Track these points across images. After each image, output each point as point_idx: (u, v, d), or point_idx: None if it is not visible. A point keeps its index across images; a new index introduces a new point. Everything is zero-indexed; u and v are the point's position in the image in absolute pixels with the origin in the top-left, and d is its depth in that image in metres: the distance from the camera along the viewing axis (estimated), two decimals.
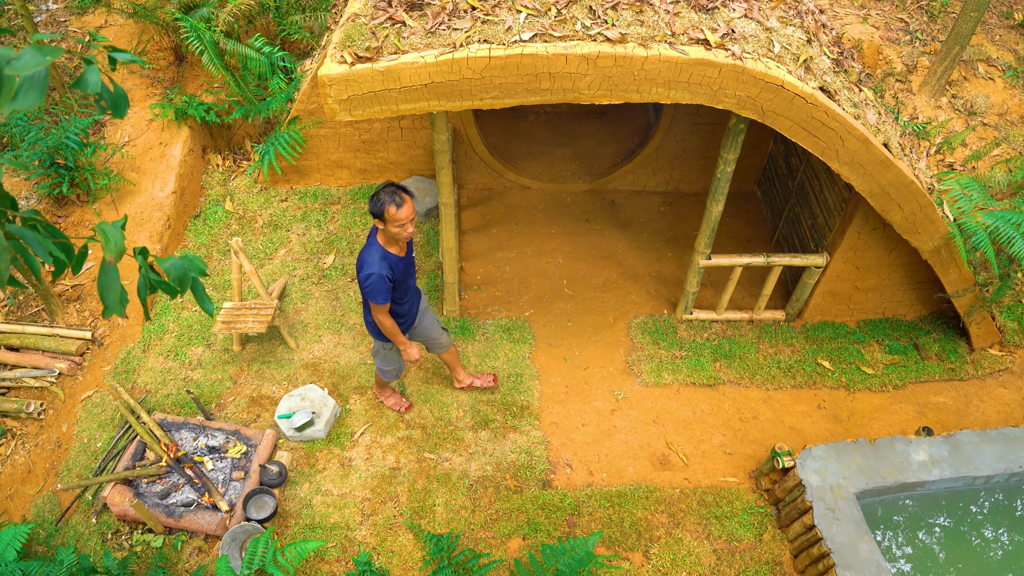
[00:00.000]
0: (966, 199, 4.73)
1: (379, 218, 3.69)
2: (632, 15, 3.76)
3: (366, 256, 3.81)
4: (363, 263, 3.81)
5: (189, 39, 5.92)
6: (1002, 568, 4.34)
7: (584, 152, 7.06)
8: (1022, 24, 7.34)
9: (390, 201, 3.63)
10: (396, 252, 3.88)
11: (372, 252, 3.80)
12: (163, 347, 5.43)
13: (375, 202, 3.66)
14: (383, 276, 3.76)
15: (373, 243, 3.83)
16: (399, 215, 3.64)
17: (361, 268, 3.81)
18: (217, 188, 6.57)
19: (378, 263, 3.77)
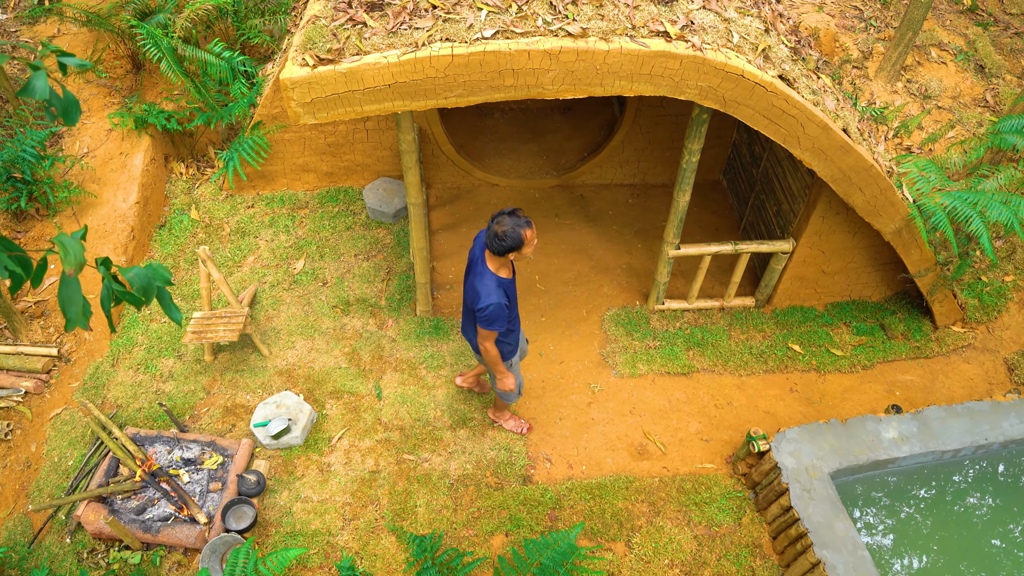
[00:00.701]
0: (924, 181, 4.85)
1: (516, 248, 3.58)
2: (592, 9, 3.79)
3: (481, 286, 3.71)
4: (479, 294, 3.70)
5: (146, 46, 5.81)
6: (976, 538, 4.47)
7: (551, 148, 7.08)
8: (971, 9, 7.53)
9: (524, 225, 3.55)
10: (506, 275, 3.80)
11: (487, 281, 3.71)
12: (132, 360, 5.33)
13: (508, 238, 3.52)
14: (502, 304, 3.69)
15: (486, 271, 3.73)
16: (534, 236, 3.61)
17: (478, 299, 3.70)
18: (181, 197, 6.47)
19: (495, 292, 3.69)
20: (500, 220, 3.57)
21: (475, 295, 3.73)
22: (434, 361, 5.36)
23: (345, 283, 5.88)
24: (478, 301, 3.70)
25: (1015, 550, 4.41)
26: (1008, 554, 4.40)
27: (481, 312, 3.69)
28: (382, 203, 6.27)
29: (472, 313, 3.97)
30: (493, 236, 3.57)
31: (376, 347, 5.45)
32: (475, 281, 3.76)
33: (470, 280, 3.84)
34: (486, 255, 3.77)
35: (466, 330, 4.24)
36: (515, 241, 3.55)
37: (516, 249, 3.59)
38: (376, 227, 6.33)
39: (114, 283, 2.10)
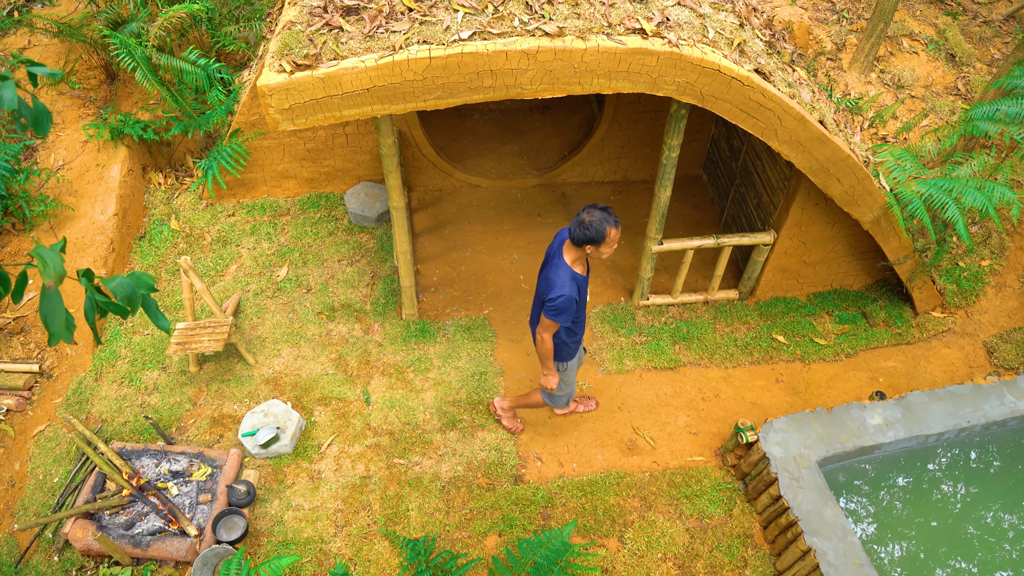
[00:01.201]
0: (900, 169, 4.91)
1: (595, 242, 3.59)
2: (568, 8, 3.80)
3: (555, 277, 3.72)
4: (552, 284, 3.71)
5: (120, 56, 5.75)
6: (960, 519, 4.54)
7: (531, 147, 7.10)
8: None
9: (612, 223, 3.55)
10: (580, 271, 3.80)
11: (562, 273, 3.72)
12: (116, 374, 5.27)
13: (590, 228, 3.53)
14: (573, 298, 3.71)
15: (562, 263, 3.74)
16: (617, 234, 3.61)
17: (551, 288, 3.71)
18: (161, 207, 6.41)
19: (568, 284, 3.70)
20: (590, 211, 3.58)
21: (548, 285, 3.75)
22: (421, 364, 5.35)
23: (329, 289, 5.86)
24: (550, 291, 3.71)
25: (1002, 527, 4.48)
26: (996, 532, 4.47)
27: (551, 302, 3.70)
28: (364, 208, 6.25)
29: (542, 304, 3.97)
30: (579, 223, 3.58)
31: (363, 352, 5.43)
32: (550, 272, 3.78)
33: (545, 271, 3.85)
34: (564, 247, 3.79)
35: (532, 323, 4.24)
36: (597, 234, 3.55)
37: (595, 243, 3.59)
38: (359, 232, 6.31)
39: (97, 294, 2.08)
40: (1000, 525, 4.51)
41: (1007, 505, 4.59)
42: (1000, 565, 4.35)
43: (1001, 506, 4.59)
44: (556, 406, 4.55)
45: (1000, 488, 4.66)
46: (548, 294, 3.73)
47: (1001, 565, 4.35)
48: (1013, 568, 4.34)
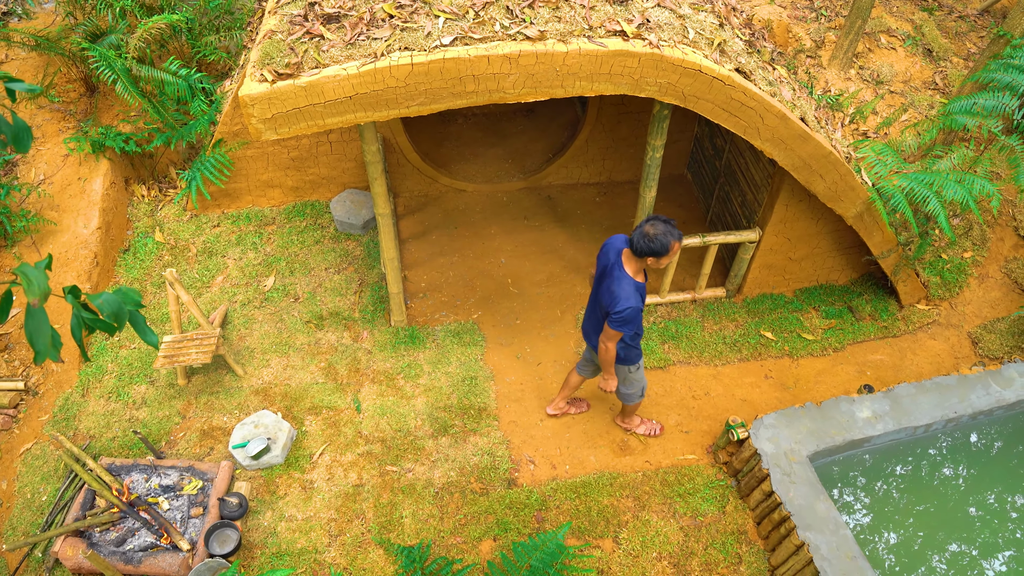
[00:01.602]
0: (881, 164, 4.96)
1: (657, 255, 3.62)
2: (549, 12, 3.81)
3: (619, 290, 3.74)
4: (618, 297, 3.73)
5: (99, 68, 5.71)
6: (951, 509, 4.58)
7: (516, 150, 7.11)
8: None
9: (676, 237, 3.59)
10: (640, 280, 3.84)
11: (625, 285, 3.75)
12: (103, 389, 5.23)
13: (655, 240, 3.56)
14: (638, 309, 3.76)
15: (624, 275, 3.77)
16: (679, 247, 3.66)
17: (617, 302, 3.73)
18: (145, 220, 6.37)
19: (633, 296, 3.74)
20: (654, 223, 3.61)
21: (612, 298, 3.77)
22: (411, 371, 5.34)
23: (317, 297, 5.84)
24: (615, 304, 3.74)
25: (990, 517, 4.53)
26: (984, 521, 4.51)
27: (618, 315, 3.74)
28: (350, 215, 6.24)
29: (600, 314, 4.04)
30: (642, 235, 3.60)
31: (352, 360, 5.42)
32: (612, 285, 3.79)
33: (606, 284, 3.86)
34: (623, 258, 3.82)
35: (588, 333, 4.28)
36: (661, 247, 3.59)
37: (658, 255, 3.63)
38: (345, 239, 6.30)
39: (84, 311, 2.06)
40: (990, 513, 4.55)
41: (997, 493, 4.64)
42: (992, 550, 4.39)
43: (991, 494, 4.63)
44: (631, 403, 4.63)
45: (989, 476, 4.71)
46: (614, 307, 3.75)
47: (993, 550, 4.39)
48: (1003, 553, 4.39)
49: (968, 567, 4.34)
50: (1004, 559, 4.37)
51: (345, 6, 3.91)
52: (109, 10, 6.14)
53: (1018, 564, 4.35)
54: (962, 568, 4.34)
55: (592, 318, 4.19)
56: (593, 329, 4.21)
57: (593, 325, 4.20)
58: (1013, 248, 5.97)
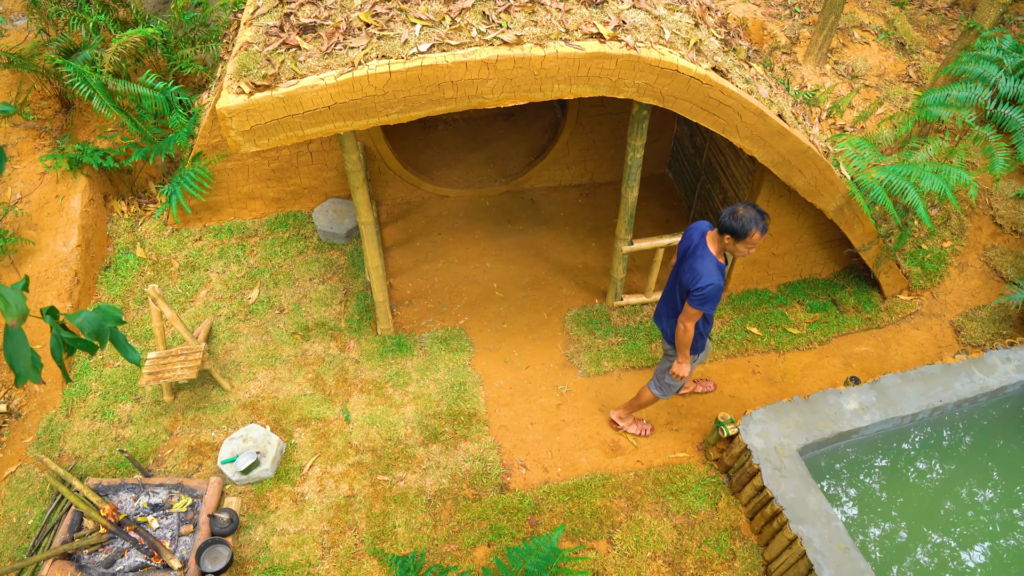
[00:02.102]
0: (859, 158, 5.01)
1: (735, 235, 3.68)
2: (525, 16, 3.82)
3: (702, 267, 3.80)
4: (700, 273, 3.79)
5: (75, 84, 5.65)
6: (938, 495, 4.62)
7: (497, 155, 7.11)
8: None
9: (759, 227, 3.64)
10: (722, 261, 3.91)
11: (708, 263, 3.81)
12: (88, 408, 5.16)
13: (737, 220, 3.63)
14: (720, 287, 3.81)
15: (707, 253, 3.84)
16: (759, 239, 3.70)
17: (699, 278, 3.79)
18: (125, 236, 6.30)
19: (716, 274, 3.80)
20: (747, 207, 3.68)
21: (694, 275, 3.82)
22: (400, 379, 5.32)
23: (302, 308, 5.80)
24: (697, 280, 3.79)
25: (980, 502, 4.58)
26: (975, 507, 4.56)
27: (699, 291, 3.78)
28: (333, 224, 6.21)
29: (676, 296, 4.10)
30: (731, 212, 3.68)
31: (340, 370, 5.39)
32: (695, 262, 3.85)
33: (688, 262, 3.91)
34: (709, 237, 3.89)
35: (660, 316, 4.31)
36: (741, 229, 3.64)
37: (735, 235, 3.68)
38: (329, 249, 6.27)
39: (63, 331, 2.03)
40: (976, 499, 4.60)
41: (982, 480, 4.69)
42: (979, 537, 4.44)
43: (977, 480, 4.69)
44: (665, 396, 4.61)
45: (975, 462, 4.77)
46: (695, 283, 3.80)
47: (980, 537, 4.44)
48: (991, 539, 4.43)
49: (957, 552, 4.38)
50: (988, 546, 4.42)
51: (321, 16, 3.90)
52: (82, 25, 6.09)
53: (1005, 550, 4.39)
54: (954, 554, 4.38)
55: (668, 301, 4.24)
56: (667, 312, 4.25)
57: (668, 308, 4.24)
58: (991, 236, 6.05)
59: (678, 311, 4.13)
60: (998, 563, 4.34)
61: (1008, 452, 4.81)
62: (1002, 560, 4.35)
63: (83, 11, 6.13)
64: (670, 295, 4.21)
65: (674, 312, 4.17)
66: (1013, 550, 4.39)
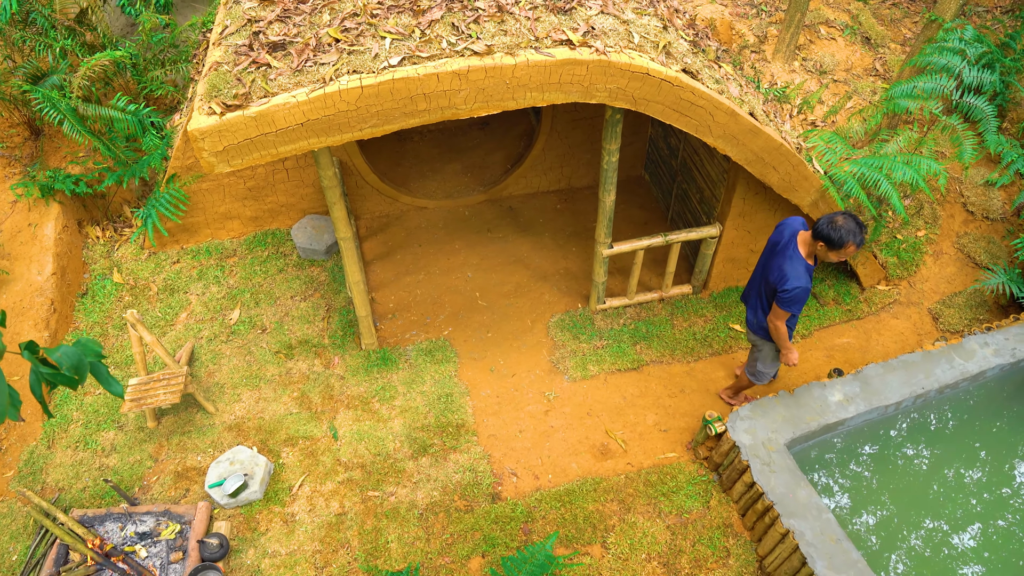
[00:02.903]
0: (831, 152, 5.08)
1: (830, 244, 3.76)
2: (495, 26, 3.84)
3: (791, 269, 3.90)
4: (788, 275, 3.90)
5: (44, 110, 5.59)
6: (927, 479, 4.67)
7: (474, 164, 7.12)
8: None
9: (856, 241, 3.73)
10: (811, 263, 3.99)
11: (798, 265, 3.91)
12: (70, 439, 5.08)
13: (836, 230, 3.72)
14: (807, 289, 3.92)
15: (797, 255, 3.94)
16: (853, 252, 3.81)
17: (786, 279, 3.90)
18: (101, 261, 6.23)
19: (805, 276, 3.90)
20: (847, 216, 3.77)
21: (782, 276, 3.93)
22: (386, 393, 5.30)
23: (285, 327, 5.76)
24: (785, 282, 3.90)
25: (968, 484, 4.63)
26: (964, 488, 4.61)
27: (785, 293, 3.91)
28: (312, 241, 6.18)
29: (762, 288, 4.21)
30: (829, 221, 3.76)
31: (325, 387, 5.35)
32: (783, 262, 3.94)
33: (776, 260, 4.01)
34: (800, 238, 3.97)
35: (748, 295, 4.43)
36: (838, 240, 3.73)
37: (829, 244, 3.77)
38: (309, 266, 6.23)
39: (43, 367, 2.01)
40: (964, 481, 4.66)
41: (968, 461, 4.75)
42: (971, 518, 4.49)
43: (964, 463, 4.74)
44: (762, 383, 4.76)
45: (961, 445, 4.82)
46: (782, 285, 3.91)
47: (972, 518, 4.49)
48: (981, 520, 4.49)
49: (949, 535, 4.43)
50: (977, 528, 4.47)
51: (290, 33, 3.89)
52: (49, 51, 6.02)
53: (995, 530, 4.45)
54: (946, 537, 4.43)
55: (754, 289, 4.35)
56: (754, 302, 4.36)
57: (755, 298, 4.34)
58: (963, 224, 6.15)
59: (764, 302, 4.26)
60: (990, 542, 4.39)
61: (992, 434, 4.88)
62: (992, 540, 4.41)
63: (49, 36, 6.07)
64: (757, 285, 4.32)
65: (760, 303, 4.30)
66: (1003, 530, 4.45)
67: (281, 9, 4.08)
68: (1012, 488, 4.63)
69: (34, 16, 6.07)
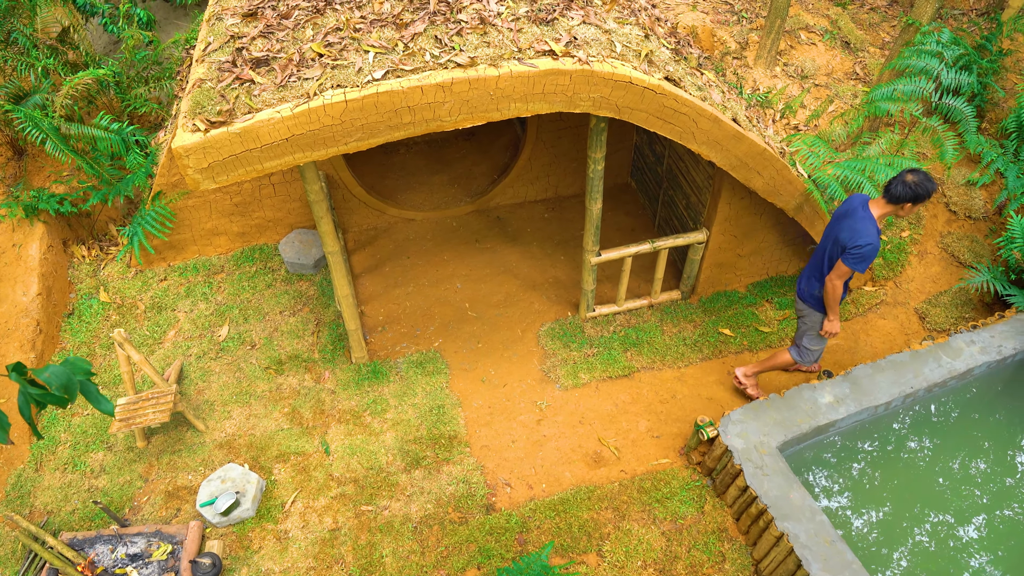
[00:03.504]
0: (814, 156, 5.13)
1: (918, 199, 3.92)
2: (478, 38, 3.86)
3: (863, 227, 4.03)
4: (860, 233, 4.02)
5: (26, 130, 5.56)
6: (921, 480, 4.70)
7: (461, 175, 7.13)
8: None
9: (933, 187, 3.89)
10: (880, 227, 4.14)
11: (869, 224, 4.05)
12: (58, 461, 5.03)
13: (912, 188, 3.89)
14: (877, 247, 4.06)
15: (868, 215, 4.07)
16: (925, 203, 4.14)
17: (858, 237, 4.02)
18: (88, 281, 6.18)
19: (876, 235, 4.03)
20: (915, 171, 3.94)
21: (854, 233, 4.06)
22: (377, 406, 5.28)
23: (274, 342, 5.73)
24: (857, 238, 4.04)
25: (965, 478, 4.66)
26: (963, 481, 4.64)
27: (857, 249, 4.03)
28: (300, 255, 6.16)
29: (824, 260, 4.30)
30: (900, 182, 3.93)
31: (316, 402, 5.32)
32: (856, 223, 4.07)
33: (847, 223, 4.12)
34: (872, 203, 4.12)
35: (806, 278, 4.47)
36: (924, 191, 3.90)
37: (918, 199, 3.94)
38: (297, 280, 6.21)
39: (31, 387, 1.99)
40: (960, 475, 4.69)
41: (964, 457, 4.78)
42: (974, 511, 4.51)
43: (958, 458, 4.77)
44: (805, 363, 4.79)
45: (950, 445, 4.86)
46: (855, 240, 4.04)
47: (975, 511, 4.51)
48: (987, 512, 4.51)
49: (943, 536, 4.45)
50: (977, 523, 4.50)
51: (273, 49, 3.90)
52: (31, 70, 6.00)
53: (990, 528, 4.47)
54: (938, 537, 4.45)
55: (813, 269, 4.44)
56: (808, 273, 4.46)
57: (811, 271, 4.44)
58: (946, 223, 6.21)
59: (825, 268, 4.32)
60: (994, 534, 4.41)
61: (986, 428, 4.91)
62: (998, 530, 4.43)
63: (31, 55, 6.05)
64: (817, 261, 4.40)
65: (818, 274, 4.36)
66: (1008, 520, 4.48)
67: (264, 25, 4.09)
68: (1015, 479, 4.66)
69: (15, 36, 6.05)
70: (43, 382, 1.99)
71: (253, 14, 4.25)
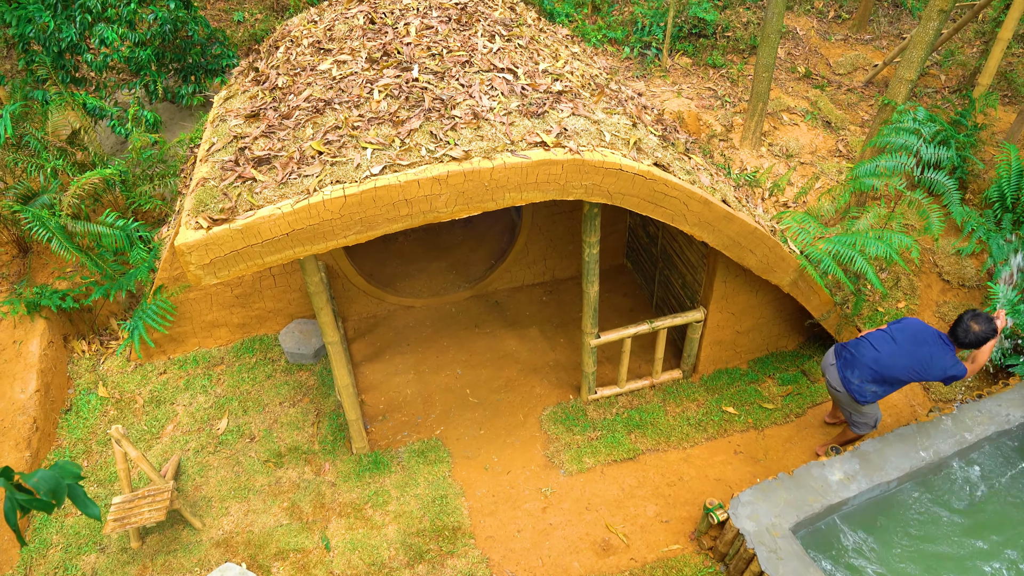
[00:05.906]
0: (805, 232, 5.23)
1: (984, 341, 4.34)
2: (471, 132, 4.01)
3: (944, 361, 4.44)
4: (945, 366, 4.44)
5: (33, 229, 5.68)
6: (947, 552, 4.54)
7: (458, 261, 7.23)
8: (806, 75, 8.41)
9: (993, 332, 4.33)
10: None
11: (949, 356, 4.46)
12: (48, 565, 4.87)
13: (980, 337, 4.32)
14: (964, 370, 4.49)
15: (948, 351, 4.46)
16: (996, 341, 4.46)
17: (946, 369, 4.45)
18: (87, 376, 6.16)
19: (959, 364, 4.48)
20: (976, 317, 4.36)
21: (942, 368, 4.46)
22: (379, 498, 5.16)
23: (274, 434, 5.66)
24: (948, 371, 4.46)
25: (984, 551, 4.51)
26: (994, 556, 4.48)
27: (953, 378, 4.49)
28: (300, 345, 6.17)
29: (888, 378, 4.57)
30: (967, 330, 4.35)
31: (316, 495, 5.21)
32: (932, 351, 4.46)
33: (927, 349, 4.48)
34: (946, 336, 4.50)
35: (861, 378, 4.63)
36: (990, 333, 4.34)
37: (983, 342, 4.35)
38: (297, 370, 6.20)
39: (18, 493, 1.96)
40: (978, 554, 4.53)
41: (980, 530, 4.64)
42: None
43: (976, 531, 4.63)
44: (860, 433, 5.02)
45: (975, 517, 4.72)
46: (947, 373, 4.46)
47: None
48: None
49: None
50: None
51: (275, 148, 4.04)
52: (40, 171, 6.18)
53: None
54: None
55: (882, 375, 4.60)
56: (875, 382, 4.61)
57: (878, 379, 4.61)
58: (941, 293, 6.26)
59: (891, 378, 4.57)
60: None
61: (1008, 498, 4.79)
62: None
63: (41, 157, 6.24)
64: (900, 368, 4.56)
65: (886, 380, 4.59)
66: None
67: (266, 125, 4.25)
68: None
69: (27, 139, 6.27)
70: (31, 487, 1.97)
71: (256, 115, 4.43)
